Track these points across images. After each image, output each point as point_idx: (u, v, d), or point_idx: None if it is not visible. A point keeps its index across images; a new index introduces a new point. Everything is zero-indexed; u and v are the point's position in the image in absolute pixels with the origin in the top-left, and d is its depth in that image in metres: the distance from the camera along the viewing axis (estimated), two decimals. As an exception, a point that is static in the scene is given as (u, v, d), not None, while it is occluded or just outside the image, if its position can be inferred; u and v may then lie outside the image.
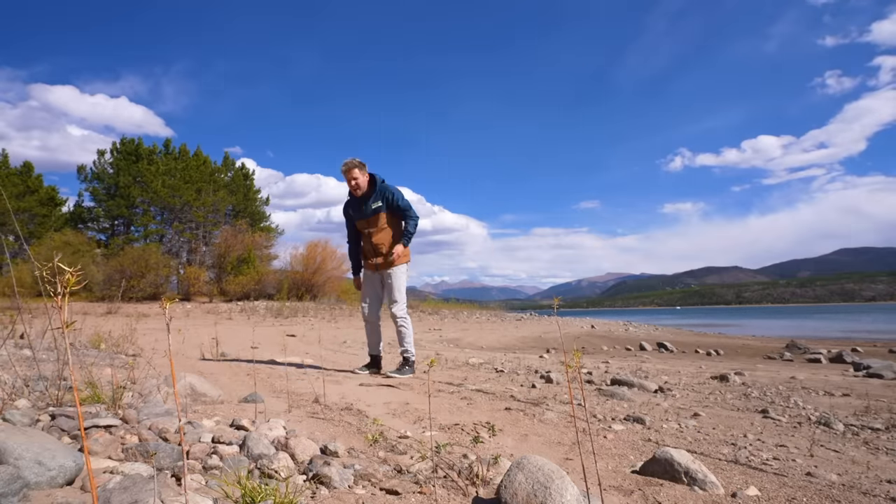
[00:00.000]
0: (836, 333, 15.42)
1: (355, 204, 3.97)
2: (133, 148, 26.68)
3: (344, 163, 3.87)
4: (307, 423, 2.13)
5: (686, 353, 8.66)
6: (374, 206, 3.87)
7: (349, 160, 3.86)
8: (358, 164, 3.86)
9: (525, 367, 5.12)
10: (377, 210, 3.88)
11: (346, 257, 25.10)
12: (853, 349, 8.58)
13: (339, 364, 4.81)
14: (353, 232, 4.10)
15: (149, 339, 5.86)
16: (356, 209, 3.97)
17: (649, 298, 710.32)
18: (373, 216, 3.89)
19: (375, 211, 3.88)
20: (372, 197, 3.88)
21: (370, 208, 3.88)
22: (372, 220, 3.90)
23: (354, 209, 3.99)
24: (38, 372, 2.24)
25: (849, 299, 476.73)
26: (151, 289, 18.05)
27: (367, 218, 3.91)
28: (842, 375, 5.10)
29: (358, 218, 3.97)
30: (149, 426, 1.67)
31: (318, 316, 15.59)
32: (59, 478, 1.17)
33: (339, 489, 1.35)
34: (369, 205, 3.87)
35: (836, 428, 2.57)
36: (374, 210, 3.88)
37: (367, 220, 3.91)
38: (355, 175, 3.84)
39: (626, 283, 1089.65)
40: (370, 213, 3.89)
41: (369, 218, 3.90)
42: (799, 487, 1.56)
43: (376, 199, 3.88)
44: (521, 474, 1.27)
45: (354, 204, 3.98)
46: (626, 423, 2.53)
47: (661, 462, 1.60)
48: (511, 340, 11.15)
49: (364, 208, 3.90)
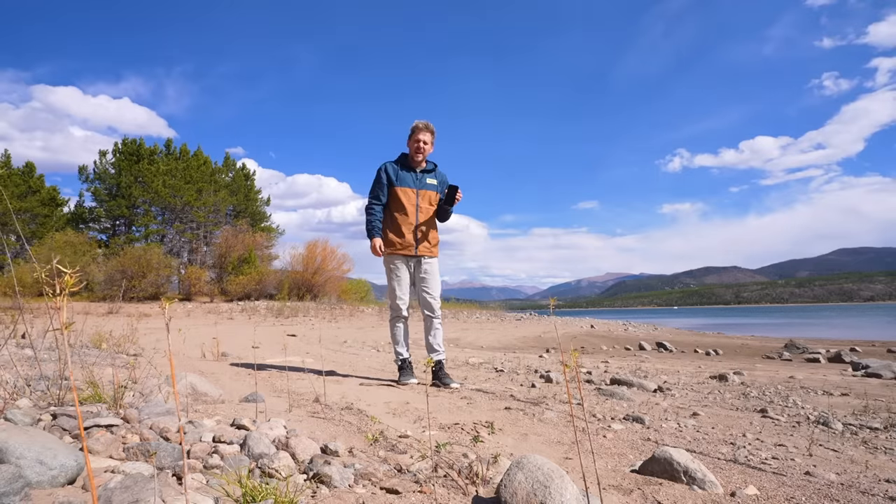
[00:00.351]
0: (835, 333, 15.43)
1: (406, 170, 3.50)
2: (134, 148, 26.72)
3: (425, 121, 3.44)
4: (308, 422, 2.14)
5: (685, 353, 8.66)
6: (430, 183, 3.51)
7: (429, 123, 3.45)
8: (431, 130, 3.45)
9: (525, 367, 5.13)
10: (432, 188, 3.51)
11: (346, 258, 24.88)
12: (852, 349, 8.58)
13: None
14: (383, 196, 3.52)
15: (150, 338, 5.86)
16: (406, 174, 3.48)
17: (648, 298, 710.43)
18: (427, 190, 3.50)
19: (430, 188, 3.51)
20: (431, 173, 3.53)
21: (425, 181, 3.49)
22: (423, 193, 3.48)
23: (403, 173, 3.49)
24: (40, 371, 2.25)
25: (847, 299, 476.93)
26: (152, 289, 18.06)
27: (418, 189, 3.47)
28: (840, 375, 5.11)
29: (406, 185, 3.46)
30: (150, 425, 1.68)
31: (318, 316, 15.60)
32: (61, 477, 1.18)
33: (340, 488, 1.35)
34: (425, 178, 3.49)
35: (834, 427, 2.57)
36: (429, 186, 3.50)
37: (417, 191, 3.47)
38: (427, 139, 3.44)
39: (625, 283, 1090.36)
40: (424, 187, 3.49)
41: (420, 190, 3.48)
42: (798, 486, 1.57)
43: (434, 178, 3.53)
44: (521, 473, 1.28)
45: (404, 170, 3.50)
46: (625, 423, 2.54)
47: (661, 461, 1.61)
48: (511, 340, 11.16)
49: (418, 177, 3.49)
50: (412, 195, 3.46)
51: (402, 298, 3.48)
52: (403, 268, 3.51)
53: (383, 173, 3.49)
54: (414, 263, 3.54)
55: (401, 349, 3.54)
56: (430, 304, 3.51)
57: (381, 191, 3.49)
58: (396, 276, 3.49)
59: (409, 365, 3.55)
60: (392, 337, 3.57)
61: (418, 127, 3.43)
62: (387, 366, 4.82)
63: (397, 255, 3.48)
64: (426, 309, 3.53)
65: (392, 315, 3.55)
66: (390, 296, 3.52)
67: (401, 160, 3.53)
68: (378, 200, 3.51)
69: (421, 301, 3.54)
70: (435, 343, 3.54)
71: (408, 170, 3.49)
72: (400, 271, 3.49)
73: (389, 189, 3.48)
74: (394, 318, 3.54)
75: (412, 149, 3.46)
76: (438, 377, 3.46)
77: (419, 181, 3.48)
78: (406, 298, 3.51)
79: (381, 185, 3.49)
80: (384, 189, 3.49)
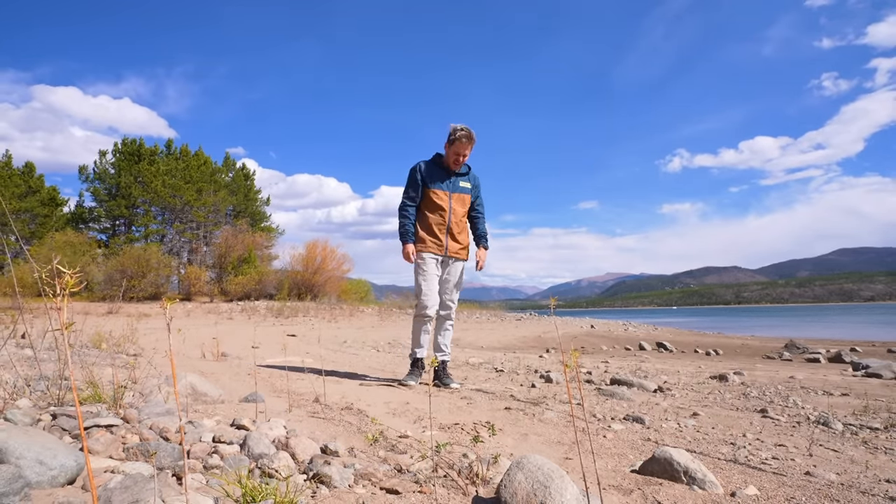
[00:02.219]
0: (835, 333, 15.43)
1: (440, 172, 3.48)
2: (134, 148, 26.73)
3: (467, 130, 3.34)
4: (307, 422, 2.14)
5: (685, 353, 8.66)
6: (464, 186, 3.53)
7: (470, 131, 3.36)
8: (473, 140, 3.40)
9: (525, 367, 5.13)
10: (465, 191, 3.54)
11: (346, 258, 24.89)
12: (852, 349, 8.58)
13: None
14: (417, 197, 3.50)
15: (150, 338, 5.86)
16: (441, 176, 3.47)
17: (648, 298, 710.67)
18: (460, 193, 3.52)
19: (464, 191, 3.53)
20: (464, 176, 3.54)
21: (459, 184, 3.51)
22: (456, 196, 3.50)
23: (436, 175, 3.47)
24: (40, 372, 2.25)
25: (847, 299, 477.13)
26: (152, 289, 18.07)
27: (451, 192, 3.49)
28: (840, 375, 5.11)
29: (439, 187, 3.46)
30: (150, 425, 1.68)
31: (318, 316, 15.60)
32: (61, 477, 1.18)
33: (340, 488, 1.35)
34: (459, 181, 3.51)
35: (834, 427, 2.57)
36: (462, 189, 3.52)
37: (450, 193, 3.48)
38: (468, 152, 3.42)
39: (625, 283, 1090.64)
40: (458, 189, 3.51)
41: (454, 193, 3.50)
42: (798, 487, 1.57)
43: (467, 181, 3.55)
44: (521, 473, 1.27)
45: (438, 171, 3.48)
46: (625, 423, 2.54)
47: (661, 461, 1.61)
48: (511, 340, 11.16)
49: (452, 180, 3.49)
50: (445, 197, 3.46)
51: (429, 296, 3.39)
52: (433, 265, 3.45)
53: (417, 173, 3.46)
54: (442, 263, 3.53)
55: (418, 348, 3.50)
56: (447, 303, 3.52)
57: (416, 191, 3.48)
58: (423, 271, 3.42)
59: (420, 365, 3.51)
60: (412, 334, 3.52)
61: (461, 140, 3.34)
62: (387, 366, 4.82)
63: (427, 252, 3.44)
64: (441, 308, 3.51)
65: (417, 313, 3.46)
66: (417, 293, 3.44)
67: (435, 160, 3.51)
68: (412, 201, 3.49)
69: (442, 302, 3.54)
70: (443, 343, 3.55)
71: (442, 171, 3.48)
72: (428, 266, 3.42)
73: (423, 189, 3.47)
74: (418, 316, 3.45)
75: (451, 159, 3.42)
76: (439, 377, 3.47)
77: (453, 184, 3.49)
78: (434, 299, 3.42)
79: (416, 186, 3.47)
80: (418, 189, 3.47)
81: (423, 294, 3.39)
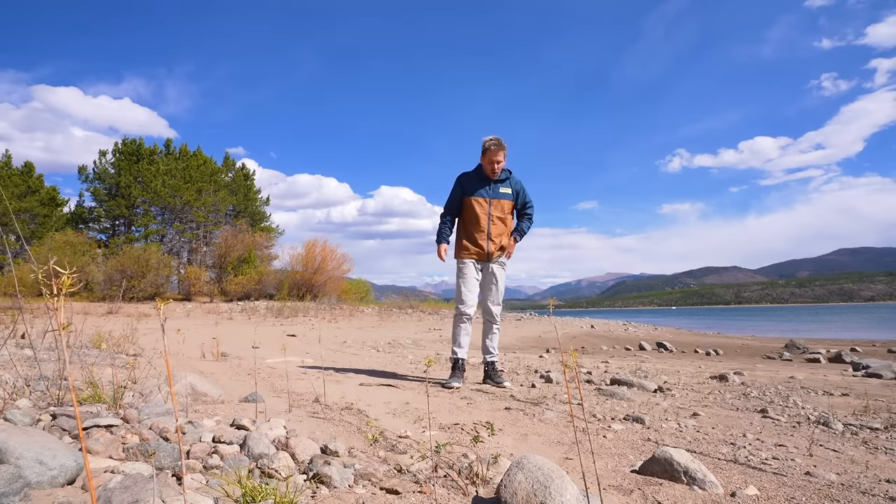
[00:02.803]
0: (835, 333, 15.44)
1: (478, 180, 3.69)
2: (134, 148, 26.73)
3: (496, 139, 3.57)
4: (307, 422, 2.14)
5: (685, 353, 8.66)
6: (504, 192, 3.69)
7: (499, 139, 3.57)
8: (503, 147, 3.58)
9: (525, 367, 5.13)
10: (505, 196, 3.69)
11: (346, 257, 24.87)
12: (852, 349, 8.58)
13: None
14: (456, 205, 3.74)
15: (150, 339, 5.86)
16: (479, 185, 3.68)
17: (649, 298, 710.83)
18: (500, 200, 3.68)
19: (504, 196, 3.69)
20: (504, 183, 3.70)
21: (498, 191, 3.68)
22: (496, 203, 3.67)
23: (476, 184, 3.68)
24: (39, 372, 2.25)
25: (847, 299, 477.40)
26: (152, 289, 18.06)
27: (491, 199, 3.66)
28: (841, 375, 5.11)
29: (479, 195, 3.66)
30: (150, 426, 1.68)
31: (318, 316, 15.59)
32: (61, 477, 1.17)
33: (340, 488, 1.35)
34: (498, 188, 3.68)
35: (834, 427, 2.57)
36: (502, 195, 3.69)
37: (490, 200, 3.66)
38: (501, 158, 3.59)
39: (625, 283, 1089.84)
40: (497, 196, 3.68)
41: (493, 200, 3.67)
42: (798, 487, 1.57)
43: (507, 186, 3.70)
44: (521, 474, 1.27)
45: (477, 180, 3.69)
46: (625, 423, 2.54)
47: (661, 461, 1.60)
48: (510, 340, 11.15)
49: (491, 187, 3.67)
50: (485, 204, 3.66)
51: (466, 297, 3.64)
52: (472, 269, 3.69)
53: (458, 187, 3.73)
54: (482, 268, 3.74)
55: (457, 348, 3.68)
56: (491, 309, 3.72)
57: (454, 201, 3.73)
58: (463, 274, 3.68)
59: (460, 366, 3.64)
60: (452, 334, 3.76)
61: (491, 149, 3.56)
62: (387, 366, 4.82)
63: (467, 258, 3.70)
64: (486, 314, 3.74)
65: (455, 313, 3.73)
66: (456, 295, 3.71)
67: (477, 171, 3.72)
68: (449, 213, 3.77)
69: (482, 306, 3.75)
70: (490, 346, 3.74)
71: (482, 180, 3.68)
72: (467, 270, 3.67)
73: (463, 199, 3.71)
74: (457, 315, 3.70)
75: (488, 169, 3.62)
76: (490, 377, 3.68)
77: (492, 191, 3.67)
78: (471, 299, 3.66)
79: (454, 198, 3.73)
80: (457, 199, 3.72)
81: (461, 293, 3.65)
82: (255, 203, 30.85)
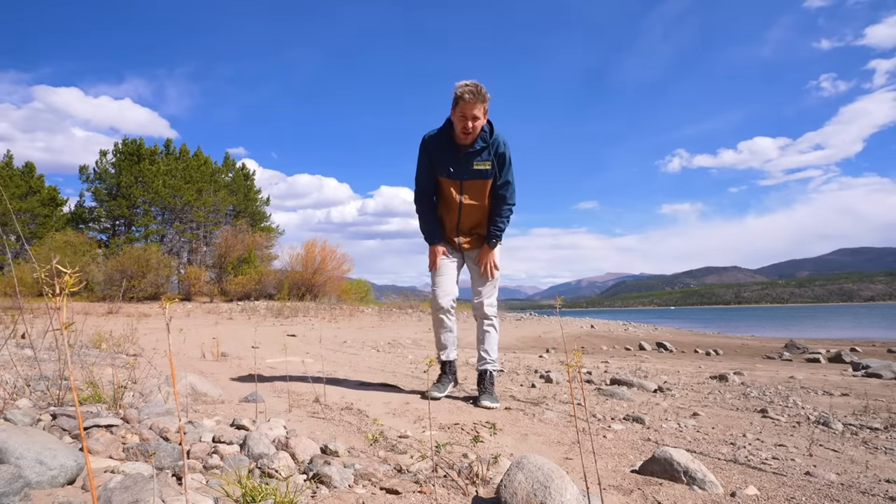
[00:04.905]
0: (835, 333, 15.44)
1: (449, 150, 2.71)
2: (135, 148, 26.76)
3: (473, 84, 2.52)
4: (307, 422, 2.14)
5: (685, 353, 8.66)
6: (480, 168, 2.71)
7: (477, 85, 2.53)
8: (483, 97, 2.53)
9: (525, 367, 5.13)
10: (483, 174, 2.73)
11: (346, 257, 24.79)
12: (852, 349, 8.58)
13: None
14: (432, 182, 2.84)
15: (150, 339, 5.86)
16: (448, 157, 2.72)
17: (649, 298, 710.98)
18: (474, 180, 2.75)
19: (480, 175, 2.73)
20: (480, 153, 2.69)
21: (472, 167, 2.71)
22: (468, 184, 2.76)
23: (446, 157, 2.72)
24: (40, 372, 2.25)
25: (847, 299, 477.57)
26: (152, 289, 18.07)
27: (464, 180, 2.76)
28: (840, 375, 5.11)
29: (447, 174, 2.75)
30: (150, 426, 1.68)
31: (318, 316, 15.59)
32: (61, 477, 1.17)
33: (340, 488, 1.35)
34: (472, 162, 2.70)
35: (834, 427, 2.57)
36: (477, 172, 2.72)
37: (461, 182, 2.76)
38: (479, 114, 2.55)
39: (625, 283, 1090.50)
40: (471, 175, 2.73)
41: (466, 182, 2.76)
42: (798, 487, 1.57)
43: (485, 158, 2.70)
44: (521, 474, 1.27)
45: (447, 150, 2.71)
46: (625, 423, 2.54)
47: (661, 461, 1.61)
48: (511, 340, 11.14)
49: (464, 163, 2.71)
50: (456, 185, 2.78)
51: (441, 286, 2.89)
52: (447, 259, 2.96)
53: (425, 155, 2.78)
54: (461, 258, 3.04)
55: (441, 350, 2.99)
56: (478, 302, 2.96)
57: (427, 177, 2.82)
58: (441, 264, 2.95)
59: (447, 371, 2.98)
60: (434, 335, 3.03)
61: (464, 97, 2.50)
62: (387, 366, 4.82)
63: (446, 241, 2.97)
64: (475, 309, 2.99)
65: (432, 308, 2.97)
66: (431, 287, 2.95)
67: (445, 132, 2.71)
68: (424, 191, 2.87)
69: (472, 303, 3.02)
70: (482, 349, 2.97)
71: (451, 150, 2.71)
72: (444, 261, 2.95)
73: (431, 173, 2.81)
74: (433, 312, 2.98)
75: (458, 127, 2.61)
76: (478, 391, 2.92)
77: (463, 167, 2.72)
78: (448, 287, 2.89)
79: (425, 170, 2.81)
80: (429, 173, 2.81)
81: (434, 283, 2.92)
82: (256, 203, 30.88)
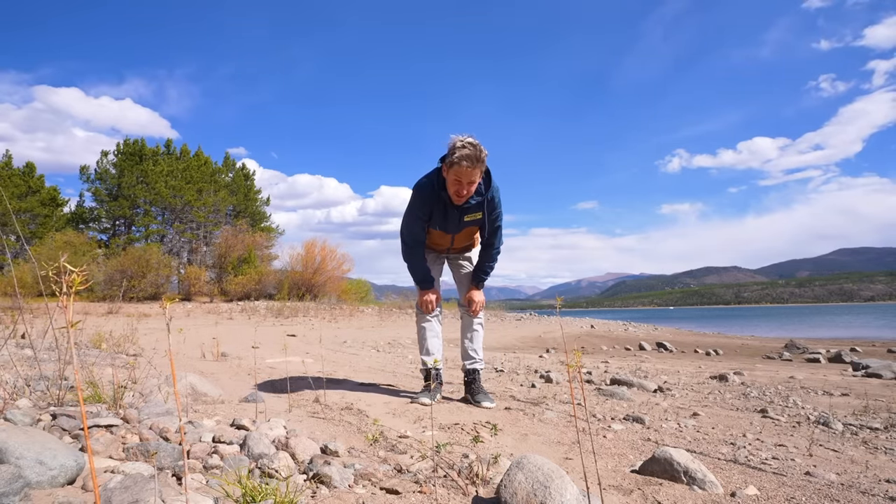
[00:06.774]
0: (835, 333, 15.43)
1: (440, 208, 2.64)
2: (136, 149, 26.75)
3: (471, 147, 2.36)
4: (307, 422, 2.14)
5: (685, 353, 8.66)
6: (471, 220, 2.67)
7: (475, 147, 2.36)
8: (482, 161, 2.40)
9: (525, 367, 5.13)
10: (474, 223, 2.71)
11: (346, 257, 24.78)
12: (852, 349, 8.58)
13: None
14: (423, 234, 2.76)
15: (150, 339, 5.86)
16: (444, 215, 2.65)
17: (649, 298, 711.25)
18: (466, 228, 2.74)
19: (471, 224, 2.71)
20: (475, 207, 2.63)
21: (463, 222, 2.68)
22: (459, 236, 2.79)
23: (440, 213, 2.65)
24: (40, 372, 2.25)
25: (847, 299, 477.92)
26: (152, 289, 18.08)
27: (455, 234, 2.76)
28: (840, 375, 5.11)
29: (440, 227, 2.70)
30: (150, 426, 1.68)
31: (318, 316, 15.59)
32: (61, 477, 1.17)
33: (340, 488, 1.35)
34: (464, 216, 2.65)
35: (834, 427, 2.57)
36: (469, 223, 2.69)
37: (453, 236, 2.77)
38: (473, 178, 2.45)
39: (625, 283, 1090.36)
40: (463, 227, 2.71)
41: (457, 235, 2.77)
42: (798, 487, 1.57)
43: (476, 211, 2.64)
44: (521, 474, 1.27)
45: (439, 207, 2.64)
46: (625, 423, 2.54)
47: (661, 461, 1.61)
48: (511, 340, 11.15)
49: (456, 219, 2.66)
50: (447, 237, 2.78)
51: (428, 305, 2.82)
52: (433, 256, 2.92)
53: (424, 207, 2.64)
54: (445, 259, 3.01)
55: (425, 356, 2.83)
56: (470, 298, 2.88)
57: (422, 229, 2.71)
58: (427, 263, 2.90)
59: (434, 377, 2.82)
60: (418, 339, 2.92)
61: (461, 165, 2.37)
62: (387, 366, 4.82)
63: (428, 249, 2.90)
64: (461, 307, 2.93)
65: (416, 311, 2.91)
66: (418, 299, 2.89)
67: (439, 187, 2.57)
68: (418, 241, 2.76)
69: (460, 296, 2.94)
70: (470, 348, 2.88)
71: (444, 208, 2.64)
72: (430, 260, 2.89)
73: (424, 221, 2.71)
74: (418, 312, 2.89)
75: (451, 190, 2.50)
76: (471, 391, 2.82)
77: (458, 223, 2.68)
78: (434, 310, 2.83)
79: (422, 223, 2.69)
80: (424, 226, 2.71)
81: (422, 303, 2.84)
82: (256, 203, 30.88)
